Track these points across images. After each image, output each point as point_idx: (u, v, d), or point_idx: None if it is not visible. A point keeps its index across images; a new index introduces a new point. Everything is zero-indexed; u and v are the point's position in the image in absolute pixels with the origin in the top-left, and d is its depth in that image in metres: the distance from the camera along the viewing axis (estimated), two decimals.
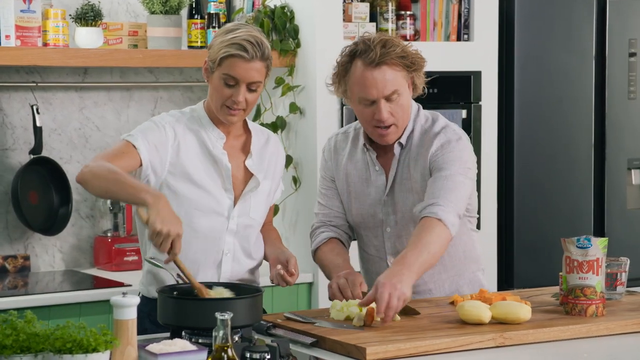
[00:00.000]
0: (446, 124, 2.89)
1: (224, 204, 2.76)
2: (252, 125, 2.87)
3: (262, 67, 2.70)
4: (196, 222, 2.73)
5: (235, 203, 2.77)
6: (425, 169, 2.84)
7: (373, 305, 2.55)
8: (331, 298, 2.80)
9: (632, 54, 4.53)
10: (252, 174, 2.79)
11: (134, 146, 2.68)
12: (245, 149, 2.82)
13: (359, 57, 2.79)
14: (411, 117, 2.89)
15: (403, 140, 2.87)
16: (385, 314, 2.51)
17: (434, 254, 2.67)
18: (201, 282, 2.58)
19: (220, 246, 2.77)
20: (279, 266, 2.73)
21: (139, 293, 2.83)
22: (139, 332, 2.21)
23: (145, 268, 2.82)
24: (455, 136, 2.85)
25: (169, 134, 2.73)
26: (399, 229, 2.90)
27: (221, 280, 2.76)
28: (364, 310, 2.60)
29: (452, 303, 2.77)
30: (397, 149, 2.88)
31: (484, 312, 2.56)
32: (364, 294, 2.73)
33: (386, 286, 2.53)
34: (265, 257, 2.89)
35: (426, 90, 2.89)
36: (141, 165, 2.69)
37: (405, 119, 2.85)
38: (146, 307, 2.68)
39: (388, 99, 2.78)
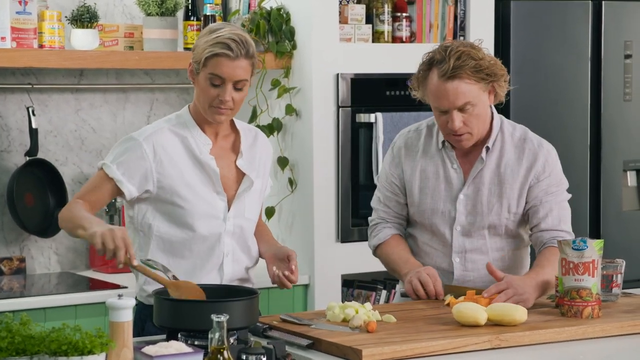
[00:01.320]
0: (538, 137, 3.00)
1: (218, 207, 2.75)
2: (239, 124, 2.85)
3: (247, 65, 2.68)
4: (194, 228, 2.74)
5: (229, 204, 2.77)
6: (524, 182, 2.93)
7: (372, 317, 2.57)
8: (408, 294, 2.85)
9: (627, 56, 4.53)
10: (244, 174, 2.79)
11: (110, 177, 2.70)
12: (235, 149, 2.81)
13: (435, 66, 2.84)
14: (497, 123, 2.95)
15: (491, 143, 2.93)
16: (492, 299, 2.68)
17: (552, 285, 2.83)
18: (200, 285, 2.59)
19: (221, 248, 2.77)
20: (275, 269, 2.73)
21: (135, 299, 2.82)
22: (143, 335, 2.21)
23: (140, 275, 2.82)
24: (553, 150, 3.00)
25: (148, 153, 2.70)
26: (472, 230, 2.94)
27: (224, 282, 2.76)
28: (361, 311, 2.60)
29: (448, 305, 2.78)
30: (483, 152, 2.93)
31: (480, 314, 2.56)
32: (449, 287, 2.86)
33: (515, 286, 2.73)
34: (260, 255, 2.88)
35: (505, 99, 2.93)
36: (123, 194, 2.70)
37: (482, 127, 2.90)
38: (147, 311, 2.68)
39: (461, 109, 2.83)
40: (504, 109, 4.35)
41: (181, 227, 2.73)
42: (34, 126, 3.81)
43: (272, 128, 4.02)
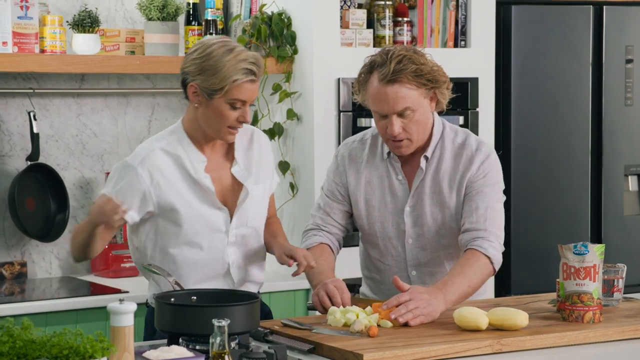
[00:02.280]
0: (479, 140, 2.91)
1: (219, 221, 2.76)
2: None
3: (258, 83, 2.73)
4: (198, 243, 2.74)
5: (231, 216, 2.77)
6: (460, 187, 2.85)
7: (372, 322, 2.56)
8: (315, 306, 2.79)
9: (629, 61, 4.53)
10: (241, 183, 2.78)
11: None
12: (230, 157, 2.80)
13: (376, 70, 2.80)
14: (437, 131, 2.88)
15: (429, 153, 2.87)
16: (397, 318, 2.58)
17: (474, 287, 2.76)
18: (198, 289, 2.59)
19: (225, 259, 2.78)
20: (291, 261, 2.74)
21: (147, 302, 2.83)
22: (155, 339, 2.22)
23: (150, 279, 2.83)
24: (493, 154, 2.89)
25: (144, 177, 2.70)
26: (424, 241, 2.89)
27: (236, 287, 2.79)
28: (361, 315, 2.60)
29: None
30: (422, 162, 2.87)
31: (481, 319, 2.56)
32: (356, 299, 2.78)
33: (418, 299, 2.60)
34: (270, 251, 2.88)
35: (445, 106, 2.88)
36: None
37: (422, 134, 2.84)
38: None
39: (400, 114, 2.78)
40: (505, 113, 4.37)
41: (184, 244, 2.74)
42: (35, 131, 3.81)
43: (273, 132, 4.02)
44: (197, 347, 2.33)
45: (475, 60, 4.22)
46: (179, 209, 2.72)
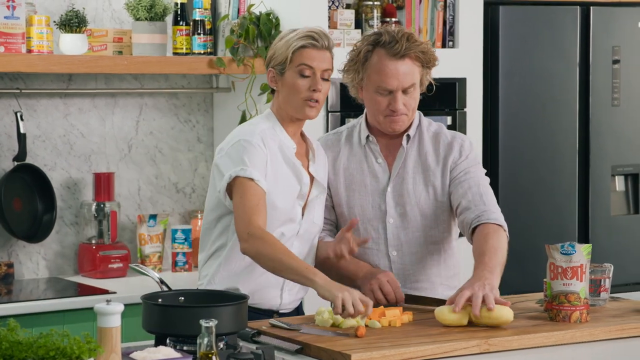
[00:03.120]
0: (450, 131, 3.02)
1: (297, 211, 2.83)
2: (305, 134, 2.95)
3: (329, 56, 2.82)
4: (274, 229, 2.77)
5: (303, 209, 2.85)
6: (444, 168, 2.93)
7: (360, 322, 2.57)
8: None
9: (615, 61, 4.55)
10: (312, 180, 2.86)
11: (254, 180, 2.72)
12: (304, 153, 2.89)
13: (382, 47, 2.86)
14: (417, 115, 2.98)
15: (412, 132, 2.95)
16: (488, 306, 2.58)
17: (504, 256, 2.81)
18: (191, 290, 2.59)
19: (292, 251, 2.79)
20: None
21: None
22: None
23: (217, 262, 2.83)
24: (467, 139, 2.99)
25: (263, 150, 2.78)
26: (406, 221, 2.94)
27: (285, 282, 2.83)
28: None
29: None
30: (404, 140, 2.95)
31: (462, 315, 2.60)
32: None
33: (475, 287, 2.62)
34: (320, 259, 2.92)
35: (433, 86, 2.96)
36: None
37: (414, 112, 2.94)
38: None
39: (405, 91, 2.86)
40: (492, 113, 4.38)
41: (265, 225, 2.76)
42: (22, 131, 3.80)
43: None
44: (185, 348, 2.33)
45: (463, 61, 4.23)
46: (275, 188, 2.77)
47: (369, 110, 2.94)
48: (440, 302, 2.76)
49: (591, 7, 4.49)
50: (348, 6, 4.16)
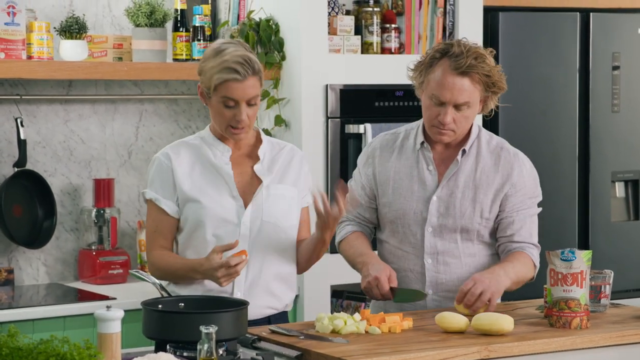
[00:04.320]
0: (513, 147, 3.05)
1: (231, 211, 2.79)
2: (265, 137, 2.93)
3: (255, 81, 2.77)
4: (207, 232, 2.77)
5: (247, 209, 2.81)
6: (499, 190, 2.96)
7: (360, 328, 2.59)
8: (366, 292, 2.89)
9: (615, 67, 4.55)
10: (253, 177, 2.84)
11: (152, 200, 2.81)
12: (254, 156, 2.87)
13: (449, 57, 2.88)
14: (475, 129, 2.99)
15: (467, 147, 2.97)
16: (472, 307, 2.75)
17: (524, 277, 2.93)
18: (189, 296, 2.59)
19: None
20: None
21: None
22: None
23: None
24: (529, 162, 3.03)
25: (167, 164, 2.80)
26: (444, 231, 2.96)
27: (235, 288, 2.79)
28: (349, 322, 2.61)
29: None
30: (460, 154, 2.96)
31: (462, 319, 2.61)
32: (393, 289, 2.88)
33: (481, 280, 2.77)
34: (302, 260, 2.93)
35: (493, 112, 3.00)
36: (174, 217, 2.81)
37: (465, 129, 2.95)
38: None
39: (457, 107, 2.87)
40: (492, 119, 4.38)
41: (197, 230, 2.78)
42: (22, 137, 3.80)
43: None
44: (185, 354, 2.33)
45: None
46: (191, 194, 2.78)
47: (423, 113, 2.96)
48: (418, 294, 2.87)
49: (591, 14, 4.49)
50: (348, 12, 4.17)
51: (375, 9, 4.13)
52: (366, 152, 3.09)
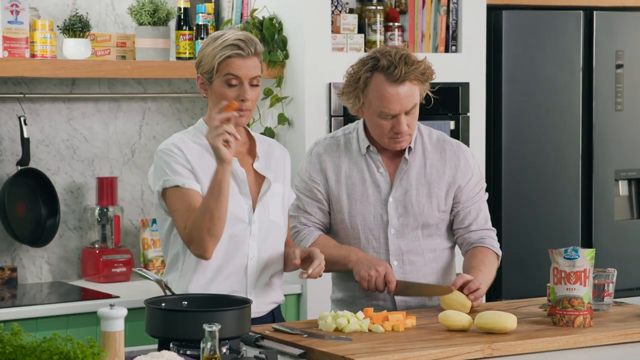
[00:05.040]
0: (453, 139, 3.07)
1: (243, 209, 2.78)
2: (254, 133, 2.92)
3: (257, 61, 2.77)
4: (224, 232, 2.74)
5: (254, 208, 2.79)
6: (452, 182, 2.98)
7: (365, 327, 2.60)
8: (362, 283, 2.87)
9: (619, 66, 4.55)
10: (262, 177, 2.82)
11: (179, 186, 2.71)
12: (252, 154, 2.85)
13: (380, 71, 2.85)
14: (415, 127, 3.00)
15: (412, 144, 2.97)
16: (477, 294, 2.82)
17: (492, 278, 2.98)
18: (187, 294, 2.59)
19: (245, 251, 2.78)
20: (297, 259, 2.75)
21: None
22: None
23: (176, 273, 2.81)
24: (469, 150, 3.06)
25: (180, 153, 2.75)
26: (408, 230, 2.96)
27: (248, 287, 2.78)
28: (352, 320, 2.61)
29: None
30: (406, 152, 2.97)
31: (465, 317, 2.62)
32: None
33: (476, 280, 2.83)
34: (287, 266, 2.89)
35: (432, 98, 2.99)
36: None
37: (416, 126, 2.96)
38: None
39: (407, 112, 2.87)
40: (495, 118, 4.38)
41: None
42: (25, 136, 3.81)
43: (262, 135, 4.02)
44: (188, 352, 2.33)
45: (466, 65, 4.23)
46: (205, 191, 2.73)
47: (373, 132, 2.94)
48: (431, 288, 2.87)
49: (594, 12, 4.49)
50: (351, 11, 4.17)
51: (379, 8, 4.13)
52: (310, 160, 3.02)
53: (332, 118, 3.97)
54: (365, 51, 4.09)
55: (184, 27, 3.99)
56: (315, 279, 2.76)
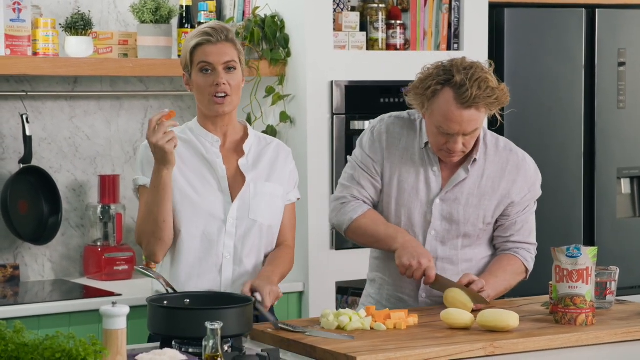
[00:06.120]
0: (520, 149, 3.02)
1: (218, 206, 2.76)
2: (253, 131, 2.90)
3: (231, 48, 2.78)
4: (193, 227, 2.74)
5: (234, 205, 2.78)
6: (505, 196, 2.93)
7: (367, 325, 2.60)
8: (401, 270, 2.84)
9: (621, 64, 4.54)
10: (237, 172, 2.80)
11: (147, 186, 2.75)
12: (240, 150, 2.84)
13: (451, 87, 2.76)
14: (482, 136, 2.94)
15: (477, 155, 2.91)
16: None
17: (508, 288, 2.95)
18: (186, 292, 2.60)
19: (219, 250, 2.76)
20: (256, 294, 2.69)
21: None
22: None
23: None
24: (534, 163, 3.01)
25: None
26: (447, 236, 2.93)
27: (223, 285, 2.76)
28: (355, 318, 2.61)
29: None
30: (470, 164, 2.91)
31: (467, 315, 2.62)
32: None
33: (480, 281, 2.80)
34: None
35: (499, 121, 2.91)
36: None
37: (472, 145, 2.88)
38: None
39: (466, 134, 2.81)
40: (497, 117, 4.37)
41: (182, 224, 2.74)
42: (28, 133, 3.81)
43: (265, 135, 4.02)
44: (190, 350, 2.33)
45: None
46: (181, 187, 2.74)
47: (429, 136, 2.88)
48: (468, 292, 2.82)
49: (597, 10, 4.48)
50: (353, 9, 4.17)
51: (381, 6, 4.13)
52: (372, 137, 2.97)
53: (335, 116, 3.97)
54: (367, 49, 4.09)
55: (186, 25, 3.99)
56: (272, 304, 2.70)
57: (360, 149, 3.00)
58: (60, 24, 3.82)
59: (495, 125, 2.97)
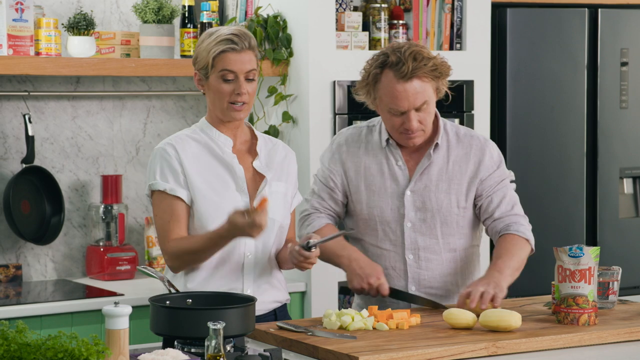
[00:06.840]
0: (475, 132, 3.05)
1: (237, 205, 2.77)
2: (258, 133, 2.93)
3: (252, 56, 2.79)
4: (217, 220, 2.75)
5: (251, 205, 2.79)
6: (473, 177, 2.95)
7: (369, 325, 2.60)
8: (353, 290, 2.88)
9: (624, 64, 4.54)
10: (262, 175, 2.83)
11: (165, 191, 2.75)
12: (252, 152, 2.86)
13: (390, 68, 2.85)
14: (441, 123, 2.98)
15: (439, 140, 2.96)
16: (481, 302, 2.72)
17: (520, 263, 2.92)
18: (186, 292, 2.60)
19: (241, 249, 2.78)
20: (291, 245, 2.75)
21: None
22: None
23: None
24: (496, 146, 3.03)
25: (174, 155, 2.77)
26: (424, 226, 2.95)
27: (245, 284, 2.79)
28: (357, 318, 2.61)
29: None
30: (432, 149, 2.95)
31: (469, 315, 2.61)
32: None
33: (479, 285, 2.76)
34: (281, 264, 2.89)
35: (449, 95, 2.96)
36: (188, 204, 2.76)
37: (431, 123, 2.93)
38: None
39: (418, 109, 2.86)
40: (500, 116, 4.38)
41: (207, 224, 2.75)
42: (30, 133, 3.81)
43: (268, 135, 4.02)
44: (193, 350, 2.33)
45: (471, 63, 4.23)
46: (202, 189, 2.76)
47: (386, 126, 2.95)
48: (424, 301, 2.85)
49: (599, 10, 4.48)
50: (355, 9, 4.17)
51: (383, 5, 4.13)
52: (331, 150, 3.05)
53: (337, 116, 3.97)
54: (369, 49, 4.09)
55: (189, 25, 3.99)
56: (313, 262, 2.75)
57: (320, 163, 3.08)
58: (62, 24, 3.82)
59: (447, 101, 2.99)
